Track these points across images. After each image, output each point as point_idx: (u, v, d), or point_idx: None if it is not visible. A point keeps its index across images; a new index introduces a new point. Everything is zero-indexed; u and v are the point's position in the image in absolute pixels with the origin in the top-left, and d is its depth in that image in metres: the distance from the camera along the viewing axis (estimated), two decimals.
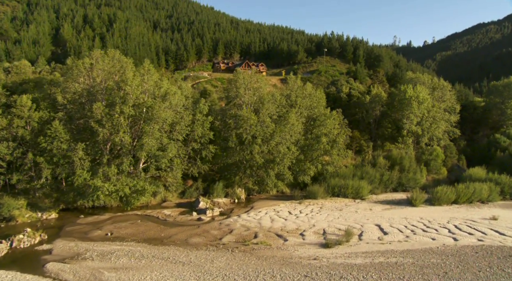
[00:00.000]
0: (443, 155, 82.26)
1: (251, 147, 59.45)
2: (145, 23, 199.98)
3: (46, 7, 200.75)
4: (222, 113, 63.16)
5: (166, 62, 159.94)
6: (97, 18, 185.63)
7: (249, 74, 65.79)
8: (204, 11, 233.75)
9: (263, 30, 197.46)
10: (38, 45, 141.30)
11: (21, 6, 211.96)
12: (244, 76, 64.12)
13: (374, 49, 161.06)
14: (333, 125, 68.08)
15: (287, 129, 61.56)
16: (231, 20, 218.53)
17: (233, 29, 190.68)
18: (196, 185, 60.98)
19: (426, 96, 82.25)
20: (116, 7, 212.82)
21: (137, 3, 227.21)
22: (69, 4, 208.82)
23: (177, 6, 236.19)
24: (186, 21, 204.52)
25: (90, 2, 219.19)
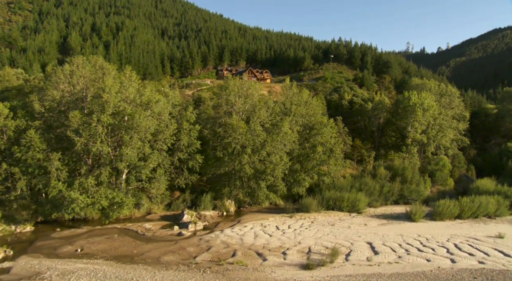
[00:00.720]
0: (450, 165, 77.78)
1: (240, 157, 56.38)
2: (153, 31, 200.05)
3: (56, 16, 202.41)
4: (212, 121, 60.30)
5: (172, 70, 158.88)
6: (104, 26, 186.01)
7: (240, 81, 62.80)
8: (213, 19, 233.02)
9: (270, 37, 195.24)
10: (43, 53, 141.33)
11: (32, 16, 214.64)
12: (235, 83, 61.25)
13: (382, 55, 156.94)
14: (330, 133, 64.53)
15: (279, 138, 58.33)
16: (239, 27, 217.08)
17: (240, 36, 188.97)
18: (184, 197, 58.06)
19: (431, 103, 78.10)
20: (125, 15, 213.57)
21: (146, 12, 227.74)
22: (79, 13, 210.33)
23: (186, 14, 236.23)
24: (193, 28, 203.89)
25: (99, 10, 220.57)
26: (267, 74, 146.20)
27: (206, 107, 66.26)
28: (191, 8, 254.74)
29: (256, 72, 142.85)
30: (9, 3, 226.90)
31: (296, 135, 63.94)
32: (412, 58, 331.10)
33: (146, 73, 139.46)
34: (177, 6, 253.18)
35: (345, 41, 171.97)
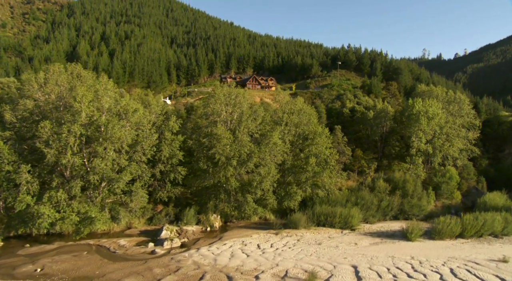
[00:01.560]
0: (457, 177, 72.79)
1: (225, 169, 53.03)
2: (162, 39, 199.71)
3: (68, 26, 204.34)
4: (198, 131, 57.21)
5: (178, 78, 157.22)
6: (113, 35, 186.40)
7: (228, 88, 59.65)
8: (223, 26, 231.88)
9: (279, 44, 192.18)
10: (50, 62, 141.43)
11: (45, 26, 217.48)
12: (223, 91, 58.16)
13: (392, 62, 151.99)
14: (325, 144, 60.66)
15: (267, 149, 54.82)
16: (249, 35, 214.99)
17: (248, 44, 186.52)
18: (167, 211, 54.92)
19: (437, 111, 73.40)
20: (135, 24, 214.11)
21: (157, 20, 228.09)
22: (90, 23, 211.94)
23: (196, 22, 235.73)
24: (202, 36, 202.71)
25: (111, 19, 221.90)
26: (272, 81, 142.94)
27: (199, 115, 63.36)
28: (201, 16, 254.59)
29: (261, 80, 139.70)
30: (24, 14, 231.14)
31: (288, 146, 60.40)
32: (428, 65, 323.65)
33: (150, 81, 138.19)
34: (188, 14, 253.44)
35: (354, 48, 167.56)
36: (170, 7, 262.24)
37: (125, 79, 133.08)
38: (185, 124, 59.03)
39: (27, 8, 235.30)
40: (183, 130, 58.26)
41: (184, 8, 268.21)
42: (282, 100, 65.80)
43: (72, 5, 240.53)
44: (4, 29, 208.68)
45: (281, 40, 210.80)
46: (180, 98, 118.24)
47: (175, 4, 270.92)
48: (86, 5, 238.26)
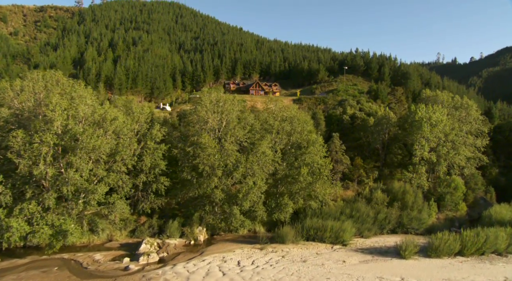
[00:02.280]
0: (463, 187, 68.67)
1: (209, 180, 50.48)
2: (170, 45, 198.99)
3: (78, 33, 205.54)
4: (184, 139, 54.83)
5: (183, 83, 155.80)
6: (121, 41, 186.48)
7: (216, 94, 57.12)
8: (231, 32, 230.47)
9: (286, 49, 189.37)
10: (55, 68, 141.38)
11: (56, 33, 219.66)
12: (210, 98, 55.72)
13: (401, 66, 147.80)
14: (318, 152, 57.59)
15: (255, 159, 52.12)
16: (257, 40, 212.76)
17: (255, 49, 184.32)
18: (150, 222, 52.56)
19: (441, 117, 69.56)
20: (144, 30, 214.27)
21: (165, 26, 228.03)
22: (99, 29, 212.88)
23: (206, 28, 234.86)
24: (210, 41, 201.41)
25: (120, 26, 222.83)
26: (277, 87, 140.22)
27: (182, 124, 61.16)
28: (211, 22, 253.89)
29: (265, 86, 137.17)
30: (36, 22, 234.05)
31: (279, 155, 57.53)
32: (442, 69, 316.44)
33: (153, 87, 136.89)
34: (197, 20, 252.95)
35: (362, 52, 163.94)
36: (180, 13, 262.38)
37: (128, 85, 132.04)
38: (173, 132, 56.64)
39: (40, 16, 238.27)
40: (169, 138, 56.04)
41: (194, 14, 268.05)
42: (275, 107, 62.98)
43: (83, 12, 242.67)
44: (16, 36, 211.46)
45: (289, 45, 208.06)
46: (182, 104, 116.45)
47: (184, 10, 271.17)
48: (97, 12, 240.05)
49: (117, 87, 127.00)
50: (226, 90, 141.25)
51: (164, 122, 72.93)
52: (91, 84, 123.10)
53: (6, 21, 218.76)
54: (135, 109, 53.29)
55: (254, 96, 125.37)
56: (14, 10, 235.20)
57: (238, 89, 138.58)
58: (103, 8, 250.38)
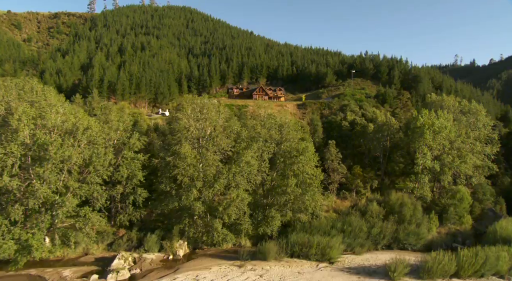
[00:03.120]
0: (469, 198, 64.21)
1: (188, 191, 47.81)
2: (179, 50, 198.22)
3: (88, 38, 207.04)
4: (166, 148, 52.31)
5: (189, 88, 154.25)
6: (129, 46, 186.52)
7: (200, 101, 54.51)
8: (241, 36, 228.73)
9: (295, 52, 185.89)
10: (61, 75, 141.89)
11: (68, 39, 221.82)
12: (192, 104, 53.13)
13: (412, 70, 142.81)
14: (308, 162, 54.22)
15: (237, 170, 49.23)
16: (267, 44, 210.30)
17: (264, 53, 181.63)
18: (129, 235, 50.16)
19: (445, 124, 65.36)
20: (154, 35, 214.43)
21: (176, 31, 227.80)
22: (110, 35, 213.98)
23: (216, 32, 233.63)
24: (219, 46, 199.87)
25: (131, 31, 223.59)
26: (281, 91, 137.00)
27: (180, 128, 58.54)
28: (221, 26, 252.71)
29: (269, 90, 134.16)
30: (49, 28, 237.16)
31: (267, 165, 54.48)
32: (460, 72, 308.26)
33: (157, 92, 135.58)
34: (208, 25, 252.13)
35: (371, 55, 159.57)
36: (191, 17, 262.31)
37: (131, 91, 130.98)
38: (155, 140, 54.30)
39: (53, 23, 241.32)
40: (151, 147, 53.76)
41: (205, 19, 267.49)
42: (263, 113, 59.99)
43: (95, 18, 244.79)
44: (30, 43, 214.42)
45: (299, 48, 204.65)
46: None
47: (196, 15, 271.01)
48: (108, 18, 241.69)
49: (119, 92, 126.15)
50: (230, 95, 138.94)
51: (155, 129, 70.98)
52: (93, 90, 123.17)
53: (21, 28, 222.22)
54: (113, 117, 51.06)
55: (257, 101, 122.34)
56: (29, 17, 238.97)
57: (242, 94, 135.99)
58: (114, 13, 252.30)
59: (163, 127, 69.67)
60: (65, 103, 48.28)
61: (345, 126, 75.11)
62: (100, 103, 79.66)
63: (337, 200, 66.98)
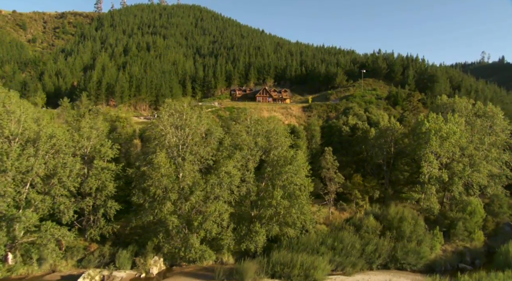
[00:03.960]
0: (482, 211, 59.91)
1: (161, 204, 45.35)
2: (187, 50, 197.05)
3: (93, 39, 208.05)
4: (142, 157, 49.92)
5: (193, 90, 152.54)
6: (134, 47, 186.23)
7: (179, 106, 51.88)
8: (251, 35, 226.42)
9: (306, 51, 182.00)
10: (60, 76, 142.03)
11: (74, 39, 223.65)
12: (170, 110, 50.60)
13: (428, 69, 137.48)
14: (296, 172, 51.00)
15: (216, 181, 46.49)
16: (277, 43, 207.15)
17: (272, 52, 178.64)
18: (101, 250, 48.02)
19: (454, 129, 61.21)
20: (161, 35, 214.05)
21: (184, 30, 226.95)
22: (116, 34, 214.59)
23: (225, 31, 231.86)
24: (227, 45, 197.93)
25: (138, 31, 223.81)
26: (287, 93, 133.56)
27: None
28: (231, 25, 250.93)
29: (273, 92, 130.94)
30: (55, 28, 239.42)
31: (252, 175, 51.61)
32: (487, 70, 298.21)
33: (158, 94, 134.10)
34: (217, 23, 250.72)
35: (385, 54, 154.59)
36: (201, 16, 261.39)
37: (131, 93, 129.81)
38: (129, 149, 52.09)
39: (59, 23, 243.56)
40: (128, 155, 51.56)
41: (215, 17, 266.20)
42: (249, 118, 57.03)
43: (102, 17, 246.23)
44: (34, 43, 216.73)
45: (310, 47, 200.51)
46: None
47: (205, 13, 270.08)
48: (115, 17, 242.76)
49: (118, 95, 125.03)
50: (233, 97, 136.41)
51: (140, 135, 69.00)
52: (92, 92, 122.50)
53: (26, 28, 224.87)
54: (84, 124, 48.97)
55: (260, 104, 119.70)
56: (34, 17, 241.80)
57: (245, 96, 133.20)
58: (122, 13, 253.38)
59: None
60: (30, 109, 46.25)
61: (346, 131, 71.34)
62: (88, 107, 78.15)
63: (335, 212, 63.67)
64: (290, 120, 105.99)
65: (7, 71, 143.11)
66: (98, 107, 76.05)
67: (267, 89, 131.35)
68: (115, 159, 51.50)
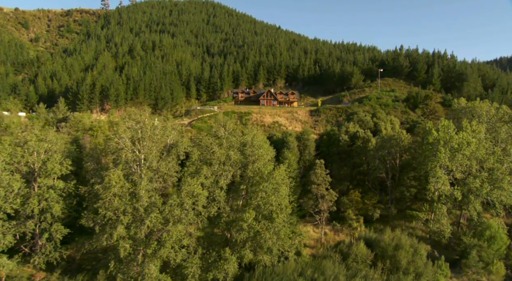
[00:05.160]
0: (505, 237, 53.80)
1: (111, 228, 41.95)
2: (195, 48, 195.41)
3: (98, 38, 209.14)
4: (97, 174, 46.62)
5: (198, 92, 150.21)
6: (139, 46, 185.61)
7: (141, 115, 48.36)
8: (266, 31, 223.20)
9: (322, 49, 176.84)
10: (55, 78, 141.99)
11: (78, 38, 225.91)
12: (129, 121, 47.18)
13: (456, 66, 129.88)
14: (274, 191, 46.65)
15: (176, 202, 42.74)
16: (293, 40, 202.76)
17: (285, 50, 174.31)
18: (47, 280, 45.14)
19: (468, 138, 55.49)
20: (170, 33, 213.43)
21: (194, 28, 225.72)
22: (123, 33, 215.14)
23: (239, 28, 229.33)
24: (239, 43, 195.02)
25: (146, 28, 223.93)
26: (294, 95, 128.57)
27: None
28: (246, 21, 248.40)
29: (279, 94, 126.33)
30: (60, 27, 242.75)
31: (223, 193, 47.67)
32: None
33: (158, 97, 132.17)
34: (231, 20, 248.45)
35: (408, 50, 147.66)
36: (213, 12, 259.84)
37: (127, 96, 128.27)
38: (83, 164, 48.99)
39: (64, 21, 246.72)
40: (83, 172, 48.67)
41: (229, 13, 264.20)
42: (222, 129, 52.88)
43: (109, 15, 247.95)
44: (37, 43, 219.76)
45: (328, 44, 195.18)
46: (178, 118, 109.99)
47: (219, 9, 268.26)
48: (123, 15, 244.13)
49: (112, 98, 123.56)
50: (236, 100, 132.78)
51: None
52: (84, 96, 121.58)
53: (28, 27, 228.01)
54: (28, 138, 46.09)
55: (263, 107, 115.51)
56: (38, 15, 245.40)
57: (248, 99, 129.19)
58: (130, 10, 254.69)
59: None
60: None
61: (344, 141, 66.03)
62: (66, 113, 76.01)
63: (330, 233, 59.10)
64: (294, 125, 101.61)
65: (1, 73, 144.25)
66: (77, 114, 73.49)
67: (272, 91, 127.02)
68: (70, 175, 48.71)
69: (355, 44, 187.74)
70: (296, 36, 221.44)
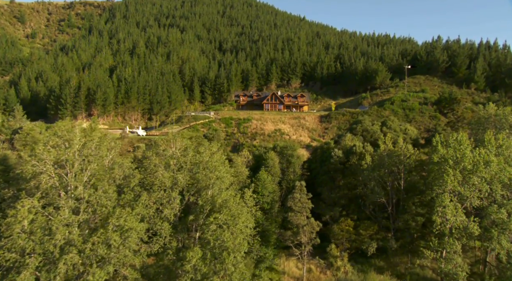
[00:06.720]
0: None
1: (16, 273, 38.55)
2: (206, 44, 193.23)
3: (100, 33, 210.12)
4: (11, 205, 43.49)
5: (202, 94, 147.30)
6: (142, 42, 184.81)
7: (70, 133, 44.56)
8: (286, 23, 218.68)
9: (346, 42, 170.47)
10: (41, 79, 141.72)
11: (79, 33, 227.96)
12: (53, 138, 43.56)
13: (508, 59, 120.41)
14: (232, 223, 42.20)
15: (101, 239, 38.94)
16: (317, 32, 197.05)
17: (305, 45, 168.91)
18: None
19: (486, 157, 49.12)
20: (180, 27, 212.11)
21: (207, 21, 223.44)
22: (128, 28, 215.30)
23: (257, 20, 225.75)
24: (255, 38, 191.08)
25: (154, 22, 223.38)
26: (304, 99, 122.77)
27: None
28: (265, 12, 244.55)
29: (286, 97, 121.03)
30: (60, 21, 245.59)
31: (168, 226, 43.60)
32: None
33: (153, 101, 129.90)
34: (250, 11, 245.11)
35: (447, 41, 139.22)
36: (230, 3, 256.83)
37: (117, 100, 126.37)
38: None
39: (65, 14, 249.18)
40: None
41: (248, 4, 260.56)
42: (173, 147, 48.58)
43: (114, 7, 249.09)
44: (33, 39, 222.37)
45: (356, 37, 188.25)
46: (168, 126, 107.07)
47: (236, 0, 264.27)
48: (130, 7, 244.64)
49: (99, 103, 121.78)
50: (237, 104, 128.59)
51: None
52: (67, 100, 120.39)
53: (24, 21, 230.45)
54: None
55: (267, 113, 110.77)
56: (37, 8, 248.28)
57: (250, 102, 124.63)
58: (138, 1, 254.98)
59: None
60: None
61: (337, 157, 59.63)
62: (20, 123, 73.87)
63: (315, 270, 54.13)
64: (300, 134, 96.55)
65: None
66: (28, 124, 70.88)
67: (278, 94, 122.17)
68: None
69: (387, 35, 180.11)
70: (321, 27, 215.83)
